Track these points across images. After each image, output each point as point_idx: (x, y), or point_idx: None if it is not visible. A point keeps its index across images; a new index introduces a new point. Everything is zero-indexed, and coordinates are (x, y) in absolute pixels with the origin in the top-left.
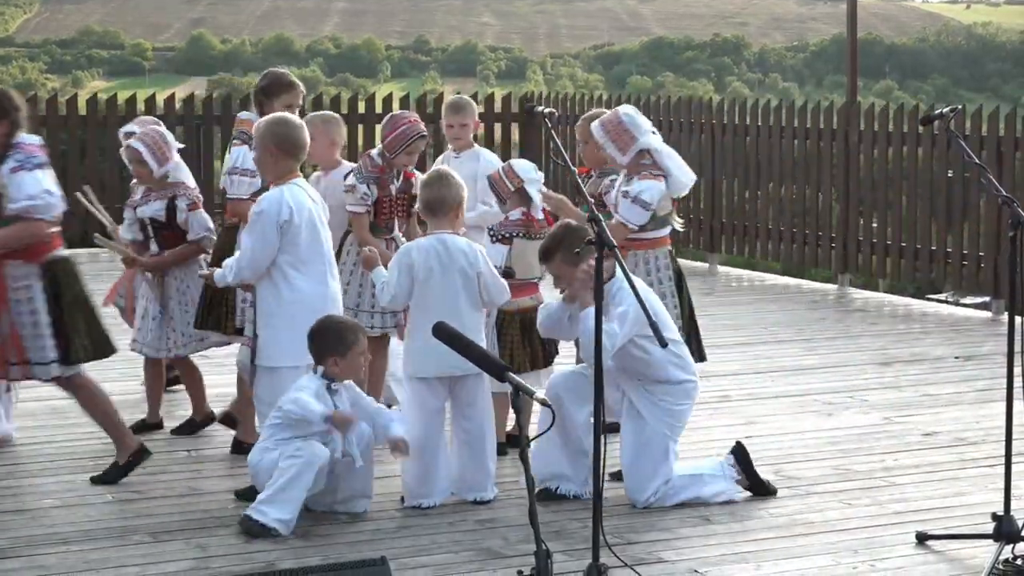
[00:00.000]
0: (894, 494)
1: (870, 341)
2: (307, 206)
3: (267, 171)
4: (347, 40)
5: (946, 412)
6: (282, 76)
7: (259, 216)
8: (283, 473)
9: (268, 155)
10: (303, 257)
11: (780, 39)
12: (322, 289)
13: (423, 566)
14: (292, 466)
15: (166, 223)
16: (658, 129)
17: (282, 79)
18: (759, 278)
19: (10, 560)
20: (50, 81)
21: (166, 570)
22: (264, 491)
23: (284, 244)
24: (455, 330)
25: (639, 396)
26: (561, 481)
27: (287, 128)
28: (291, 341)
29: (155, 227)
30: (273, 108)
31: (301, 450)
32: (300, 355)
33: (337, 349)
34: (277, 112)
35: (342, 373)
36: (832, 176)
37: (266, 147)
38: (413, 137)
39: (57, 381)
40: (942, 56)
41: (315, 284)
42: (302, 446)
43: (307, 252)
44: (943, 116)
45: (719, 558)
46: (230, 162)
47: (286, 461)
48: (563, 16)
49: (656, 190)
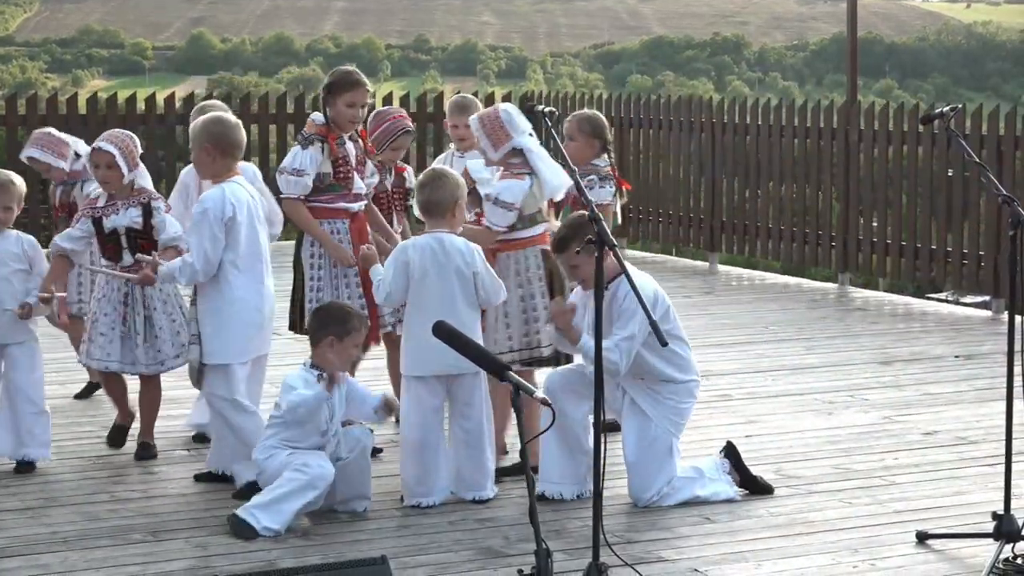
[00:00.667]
0: (894, 493)
1: (870, 340)
2: (246, 203)
3: (205, 170)
4: (347, 39)
5: (946, 411)
6: (347, 74)
7: (204, 215)
8: (286, 484)
9: (205, 154)
10: (243, 254)
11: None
12: (260, 287)
13: (423, 565)
14: (295, 481)
15: (143, 231)
16: (658, 128)
17: (346, 77)
18: (759, 277)
19: (10, 559)
20: (50, 80)
21: (166, 569)
22: (262, 494)
23: (228, 242)
24: (455, 329)
25: (642, 394)
26: (560, 485)
27: (223, 127)
28: (238, 338)
29: (131, 236)
30: (336, 107)
31: (309, 467)
32: (247, 351)
33: (337, 330)
34: (338, 109)
35: (335, 358)
36: (832, 175)
37: (203, 146)
38: (398, 133)
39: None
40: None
41: (255, 282)
42: (310, 463)
43: (247, 250)
44: (943, 115)
45: (719, 557)
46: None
47: (292, 473)
48: (563, 15)
49: (517, 189)
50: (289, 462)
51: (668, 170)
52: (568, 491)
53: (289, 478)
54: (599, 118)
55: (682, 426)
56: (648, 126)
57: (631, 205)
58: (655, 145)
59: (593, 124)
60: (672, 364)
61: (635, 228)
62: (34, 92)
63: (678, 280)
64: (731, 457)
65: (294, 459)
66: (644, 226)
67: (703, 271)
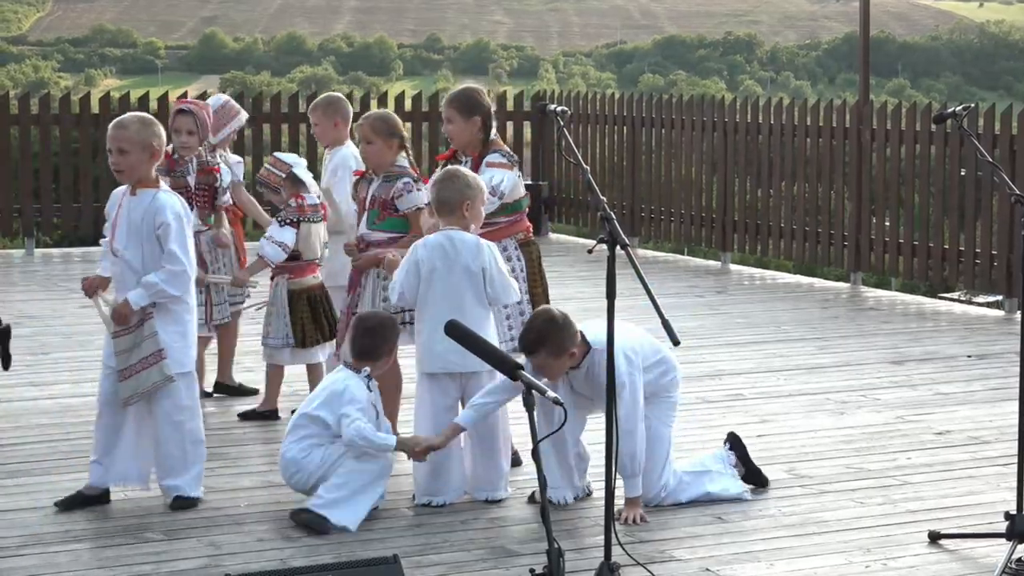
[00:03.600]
0: (907, 493)
1: (883, 340)
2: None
3: (144, 172)
4: (359, 38)
5: (959, 411)
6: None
7: (181, 221)
8: (355, 477)
9: (148, 156)
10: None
11: (792, 37)
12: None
13: (435, 564)
14: (367, 473)
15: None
16: (670, 127)
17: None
18: (771, 276)
19: (24, 557)
20: (63, 79)
21: (179, 568)
22: (329, 490)
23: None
24: (467, 328)
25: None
26: (562, 490)
27: (162, 130)
28: (192, 346)
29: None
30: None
31: (375, 460)
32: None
33: (394, 344)
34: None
35: (384, 369)
36: (844, 174)
37: (146, 148)
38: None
39: None
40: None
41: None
42: (373, 452)
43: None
44: (956, 114)
45: (731, 557)
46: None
47: (356, 465)
48: (575, 14)
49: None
50: (334, 458)
51: (680, 169)
52: (569, 495)
53: (356, 469)
54: (393, 116)
55: (675, 417)
56: (660, 125)
57: (643, 205)
58: (667, 144)
59: (389, 124)
60: (661, 373)
61: (647, 227)
62: (47, 91)
63: (690, 279)
64: (736, 449)
65: (349, 452)
66: (656, 225)
67: (715, 270)
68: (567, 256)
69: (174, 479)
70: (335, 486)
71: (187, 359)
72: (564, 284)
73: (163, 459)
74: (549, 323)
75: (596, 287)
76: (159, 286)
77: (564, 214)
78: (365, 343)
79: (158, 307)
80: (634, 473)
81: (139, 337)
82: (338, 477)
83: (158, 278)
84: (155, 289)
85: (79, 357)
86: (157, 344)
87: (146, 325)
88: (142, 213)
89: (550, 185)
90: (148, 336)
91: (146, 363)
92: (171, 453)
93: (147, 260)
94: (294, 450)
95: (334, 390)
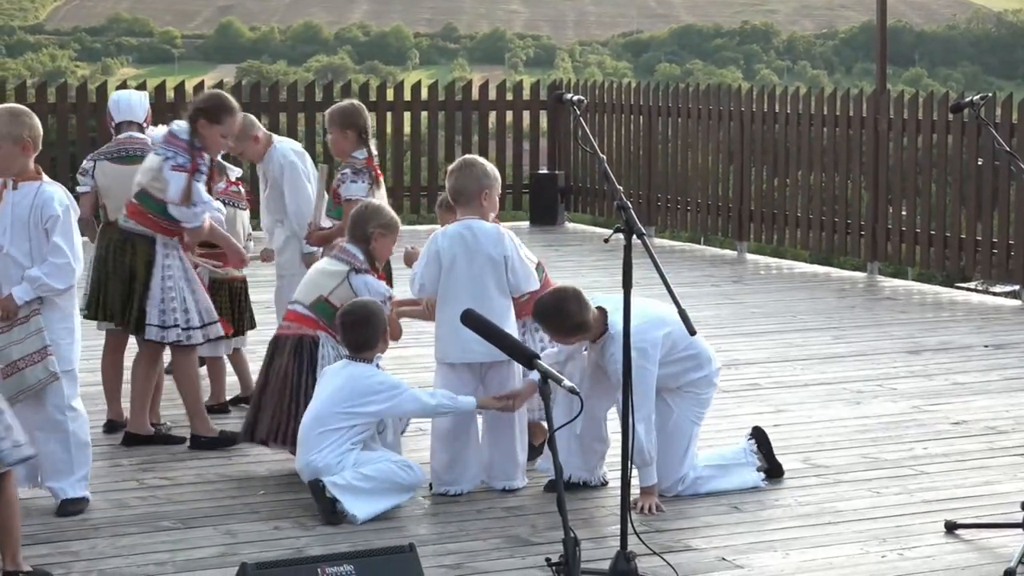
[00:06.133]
0: (923, 483)
1: (899, 329)
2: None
3: (20, 165)
4: (375, 27)
5: (976, 401)
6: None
7: (69, 213)
8: (387, 478)
9: (20, 149)
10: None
11: (809, 26)
12: None
13: (451, 553)
14: (398, 481)
15: None
16: (687, 117)
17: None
18: (788, 266)
19: (41, 546)
20: (80, 69)
21: (194, 556)
22: (357, 477)
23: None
24: (483, 318)
25: (664, 388)
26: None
27: (36, 120)
28: (78, 342)
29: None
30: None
31: (412, 470)
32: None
33: (386, 328)
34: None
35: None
36: (861, 164)
37: (17, 141)
38: None
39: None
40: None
41: None
42: (413, 466)
43: None
44: (973, 104)
45: (747, 546)
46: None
47: (393, 469)
48: (592, 3)
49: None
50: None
51: (697, 159)
52: (585, 476)
53: (389, 473)
54: (352, 108)
55: (703, 415)
56: (677, 115)
57: (659, 194)
58: (684, 134)
59: (344, 115)
60: (691, 368)
61: (663, 217)
62: (64, 80)
63: (706, 269)
64: (761, 444)
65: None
66: (673, 214)
67: (731, 260)
68: (583, 245)
69: (58, 481)
70: (364, 476)
71: (72, 356)
72: (581, 274)
73: (47, 460)
74: (549, 305)
75: (613, 276)
76: (42, 279)
77: (580, 203)
78: (359, 336)
79: (45, 302)
80: (644, 463)
81: (24, 332)
82: (371, 470)
83: (41, 271)
84: (39, 283)
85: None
86: (43, 340)
87: (32, 321)
88: (28, 206)
89: (566, 174)
90: (34, 332)
91: (30, 360)
92: (55, 454)
93: (35, 253)
94: (328, 458)
95: (356, 384)
